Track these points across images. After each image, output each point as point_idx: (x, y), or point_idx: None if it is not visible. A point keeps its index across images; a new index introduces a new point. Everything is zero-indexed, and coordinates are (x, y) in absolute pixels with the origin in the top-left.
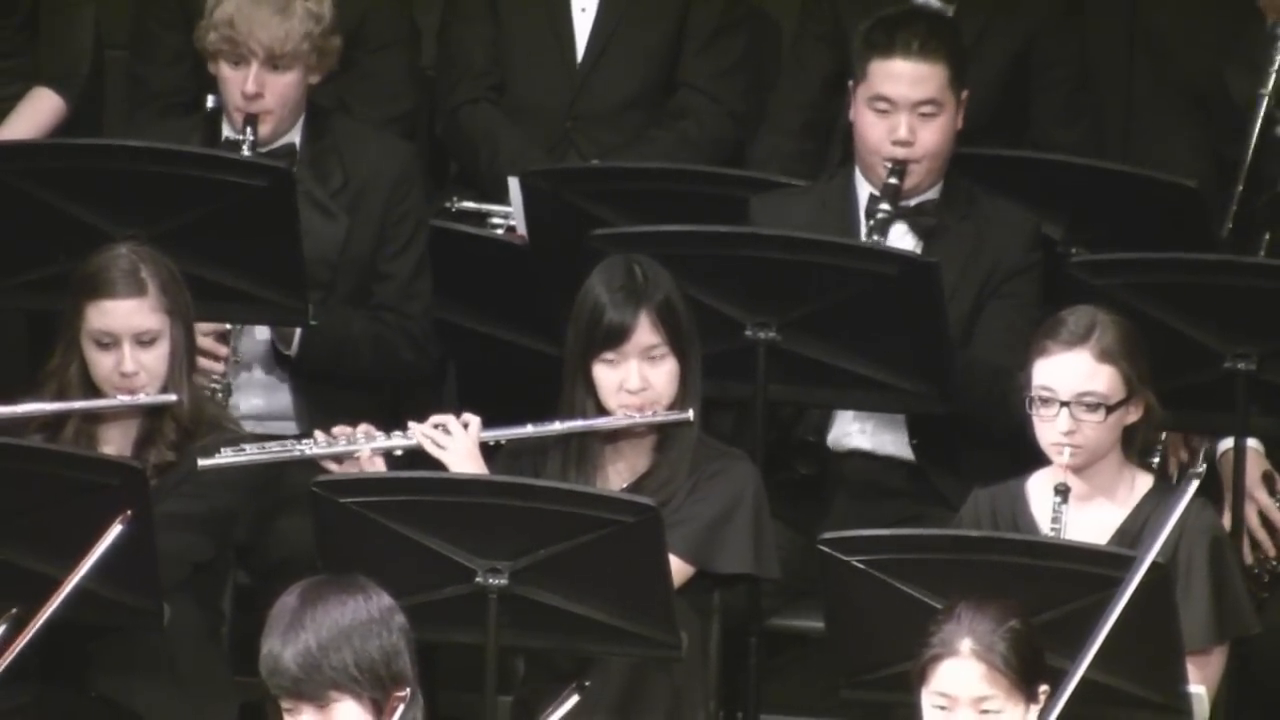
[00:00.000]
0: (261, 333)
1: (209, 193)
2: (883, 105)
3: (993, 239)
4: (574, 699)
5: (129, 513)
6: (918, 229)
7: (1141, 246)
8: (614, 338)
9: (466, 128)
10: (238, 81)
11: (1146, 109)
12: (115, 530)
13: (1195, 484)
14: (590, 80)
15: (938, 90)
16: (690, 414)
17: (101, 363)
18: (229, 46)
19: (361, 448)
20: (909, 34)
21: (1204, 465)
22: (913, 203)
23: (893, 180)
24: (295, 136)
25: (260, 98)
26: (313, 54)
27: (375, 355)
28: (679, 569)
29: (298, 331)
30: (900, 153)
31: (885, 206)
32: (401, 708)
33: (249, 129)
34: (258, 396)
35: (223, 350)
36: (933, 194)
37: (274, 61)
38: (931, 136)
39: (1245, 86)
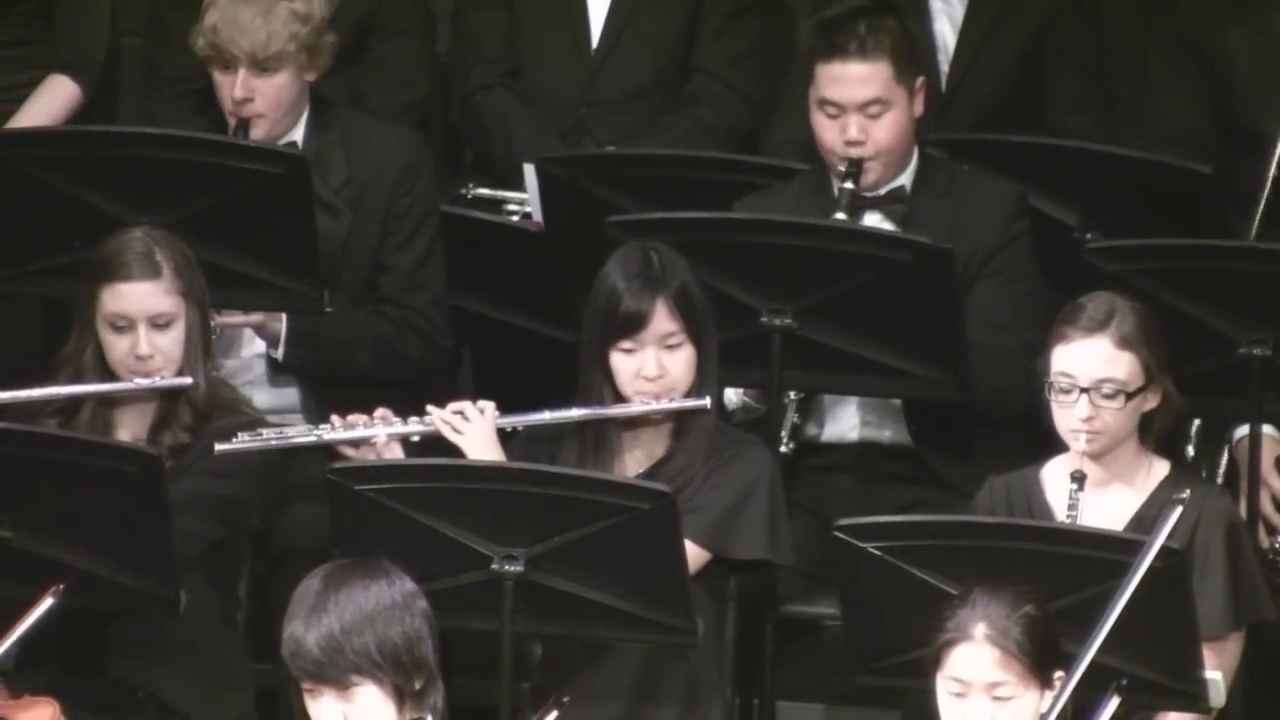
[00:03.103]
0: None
1: (224, 180)
2: (831, 109)
3: (971, 216)
4: (553, 714)
5: (59, 587)
6: (893, 216)
7: (1156, 232)
8: (631, 326)
9: (481, 114)
10: (228, 87)
11: (1159, 77)
12: (46, 603)
13: (1178, 510)
14: (605, 66)
15: (882, 88)
16: (707, 401)
17: (117, 346)
18: (215, 53)
19: (378, 433)
20: (847, 36)
21: (1187, 492)
22: (883, 191)
23: (847, 185)
24: (297, 134)
25: (250, 102)
26: (301, 53)
27: (376, 357)
28: (695, 555)
29: (283, 334)
30: (854, 152)
31: (840, 215)
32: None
33: (240, 133)
34: (263, 393)
35: None
36: (904, 179)
37: (260, 65)
38: (883, 134)
39: (1250, 50)
